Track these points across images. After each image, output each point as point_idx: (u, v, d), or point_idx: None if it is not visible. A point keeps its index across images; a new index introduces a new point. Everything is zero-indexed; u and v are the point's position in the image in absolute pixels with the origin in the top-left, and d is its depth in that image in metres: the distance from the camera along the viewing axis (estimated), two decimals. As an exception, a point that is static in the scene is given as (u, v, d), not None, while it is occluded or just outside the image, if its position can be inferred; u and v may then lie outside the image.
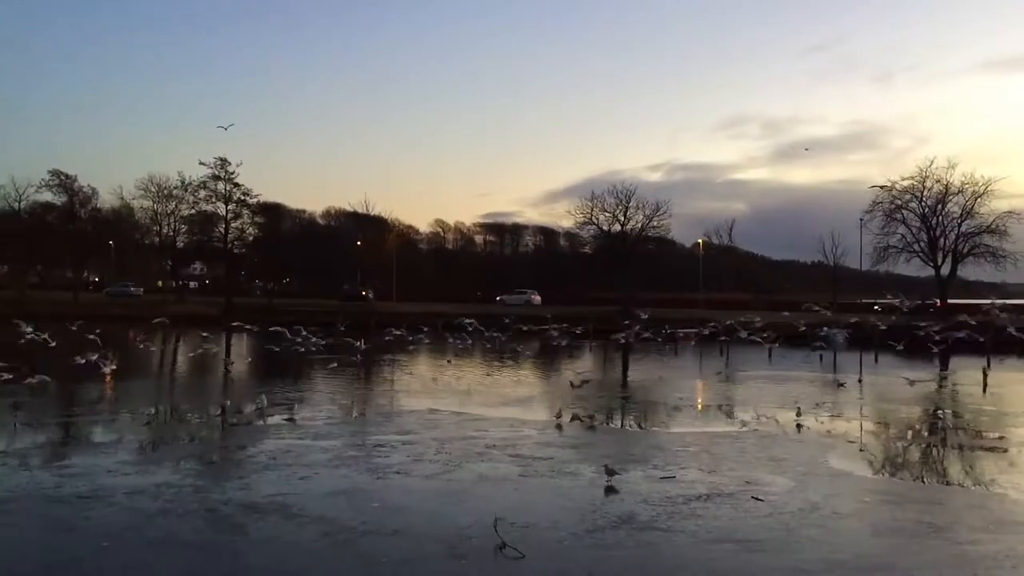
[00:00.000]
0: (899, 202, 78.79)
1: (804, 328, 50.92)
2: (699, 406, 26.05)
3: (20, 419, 20.78)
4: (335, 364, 33.73)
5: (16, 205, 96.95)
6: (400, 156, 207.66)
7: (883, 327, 49.64)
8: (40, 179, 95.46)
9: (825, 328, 56.37)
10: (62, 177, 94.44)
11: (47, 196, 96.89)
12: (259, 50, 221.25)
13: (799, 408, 22.48)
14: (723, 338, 48.34)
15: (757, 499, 12.93)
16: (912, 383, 28.72)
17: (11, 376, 24.44)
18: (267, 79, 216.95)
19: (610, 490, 13.54)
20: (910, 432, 21.17)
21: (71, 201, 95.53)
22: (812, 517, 12.02)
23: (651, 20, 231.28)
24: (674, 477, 14.51)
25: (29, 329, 34.04)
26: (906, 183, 78.38)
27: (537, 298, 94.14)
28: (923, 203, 78.02)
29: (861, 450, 18.06)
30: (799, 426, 20.64)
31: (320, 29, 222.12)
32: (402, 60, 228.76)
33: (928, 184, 77.46)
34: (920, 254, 78.60)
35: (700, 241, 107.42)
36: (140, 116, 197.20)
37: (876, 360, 45.38)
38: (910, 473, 16.49)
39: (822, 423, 21.33)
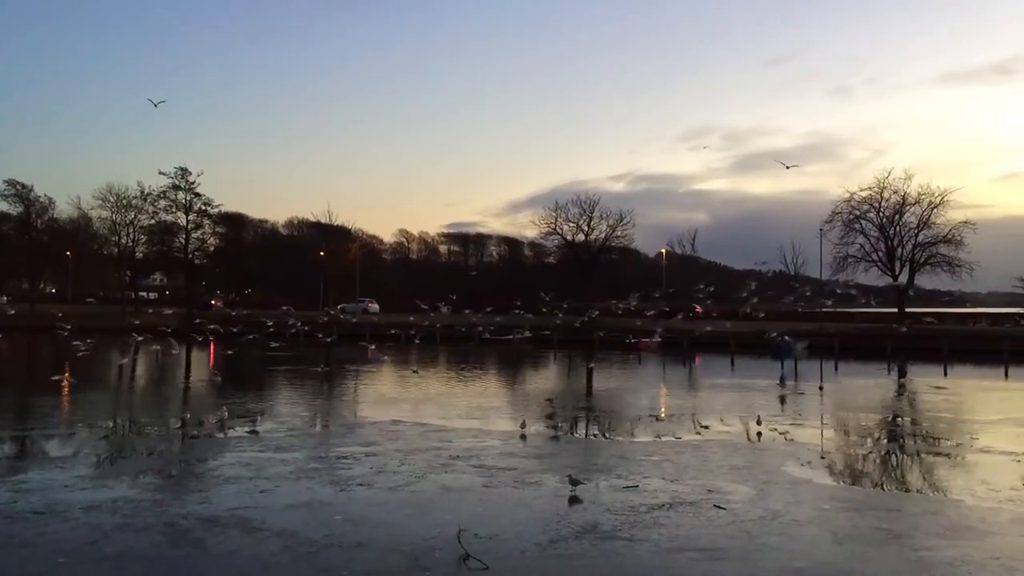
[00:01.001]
0: (858, 212, 80.00)
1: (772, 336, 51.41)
2: (662, 415, 26.18)
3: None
4: (295, 374, 33.48)
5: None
6: (364, 166, 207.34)
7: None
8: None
9: (783, 336, 57.01)
10: (18, 187, 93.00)
11: (2, 206, 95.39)
12: (221, 58, 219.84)
13: (759, 416, 22.66)
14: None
15: (719, 507, 13.02)
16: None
17: None
18: (229, 88, 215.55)
19: (574, 500, 13.55)
20: (869, 439, 21.45)
21: (27, 211, 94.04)
22: (773, 525, 12.12)
23: (614, 32, 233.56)
24: (637, 486, 14.58)
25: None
26: (864, 194, 79.67)
27: (375, 306, 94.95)
28: (881, 213, 79.31)
29: (822, 457, 18.26)
30: (760, 434, 20.83)
31: (284, 38, 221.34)
32: (366, 70, 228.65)
33: (886, 195, 78.82)
34: (878, 264, 79.80)
35: (663, 251, 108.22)
36: (98, 125, 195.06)
37: (836, 368, 45.82)
38: (869, 480, 16.70)
39: (783, 431, 21.52)
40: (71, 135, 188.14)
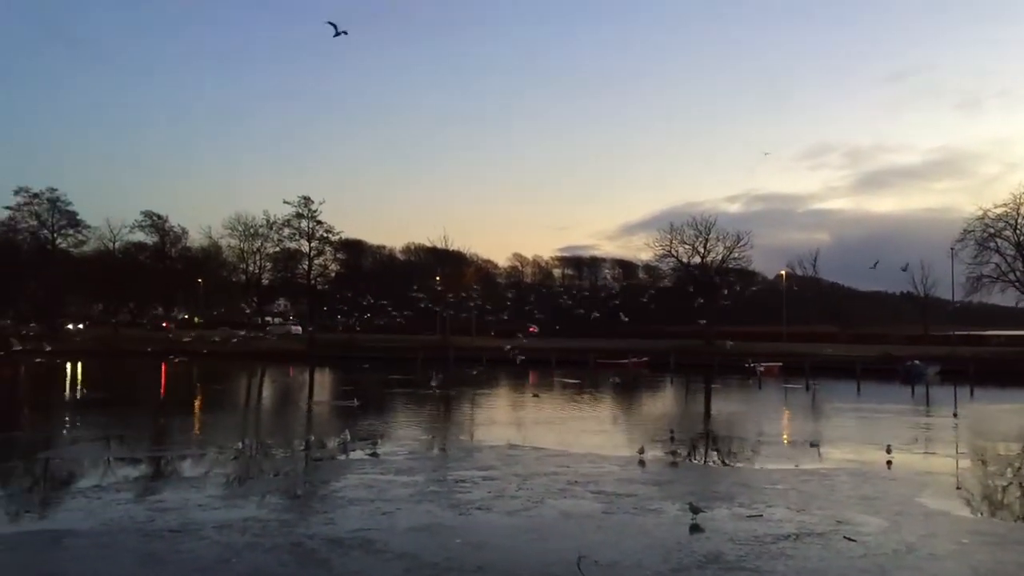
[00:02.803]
0: (992, 230, 75.90)
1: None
2: (785, 441, 25.42)
3: (113, 453, 21.45)
4: (416, 398, 34.00)
5: (111, 245, 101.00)
6: (479, 191, 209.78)
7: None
8: (134, 220, 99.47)
9: (914, 361, 54.79)
10: (154, 218, 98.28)
11: (140, 236, 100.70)
12: (339, 88, 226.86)
13: (890, 445, 21.70)
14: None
15: (849, 539, 12.51)
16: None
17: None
18: (347, 117, 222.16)
19: (695, 528, 13.26)
20: (1009, 469, 20.28)
21: (162, 241, 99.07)
22: (908, 559, 11.57)
23: (729, 49, 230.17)
24: (761, 515, 14.16)
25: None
26: (999, 211, 75.52)
27: (297, 328, 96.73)
28: (1018, 231, 75.10)
29: (958, 488, 17.36)
30: (890, 463, 19.97)
31: (401, 65, 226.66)
32: (479, 95, 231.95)
33: (1023, 211, 74.63)
34: (1016, 284, 75.52)
35: (783, 273, 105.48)
36: (227, 156, 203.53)
37: (972, 394, 43.55)
38: (1011, 513, 15.79)
39: (915, 460, 20.58)
40: (201, 167, 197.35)
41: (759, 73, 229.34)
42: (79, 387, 40.71)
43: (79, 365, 60.95)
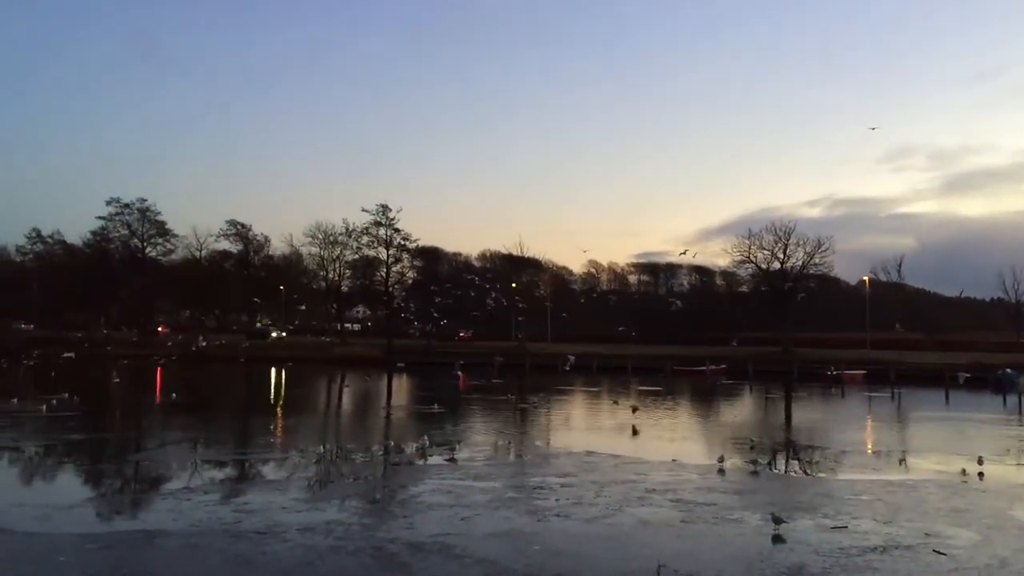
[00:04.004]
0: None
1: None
2: (869, 451, 24.80)
3: (200, 456, 22.09)
4: (490, 402, 34.14)
5: (198, 253, 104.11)
6: (554, 197, 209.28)
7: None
8: (219, 229, 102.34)
9: (1006, 369, 52.97)
10: (238, 227, 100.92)
11: (225, 244, 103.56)
12: (415, 98, 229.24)
13: (981, 456, 20.98)
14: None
15: (939, 553, 12.15)
16: None
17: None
18: (423, 126, 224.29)
19: (777, 539, 13.03)
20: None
21: (246, 249, 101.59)
22: (1001, 574, 11.18)
23: (805, 50, 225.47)
24: (846, 527, 13.83)
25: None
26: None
27: (278, 332, 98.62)
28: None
29: (1055, 502, 16.69)
30: (981, 474, 19.32)
31: (477, 74, 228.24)
32: (553, 103, 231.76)
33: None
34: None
35: (866, 278, 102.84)
36: (307, 164, 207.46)
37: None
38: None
39: (1008, 471, 19.87)
40: (283, 176, 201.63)
41: (839, 75, 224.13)
42: (167, 390, 42.01)
43: (168, 368, 62.84)
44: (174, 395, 40.12)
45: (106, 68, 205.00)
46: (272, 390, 47.37)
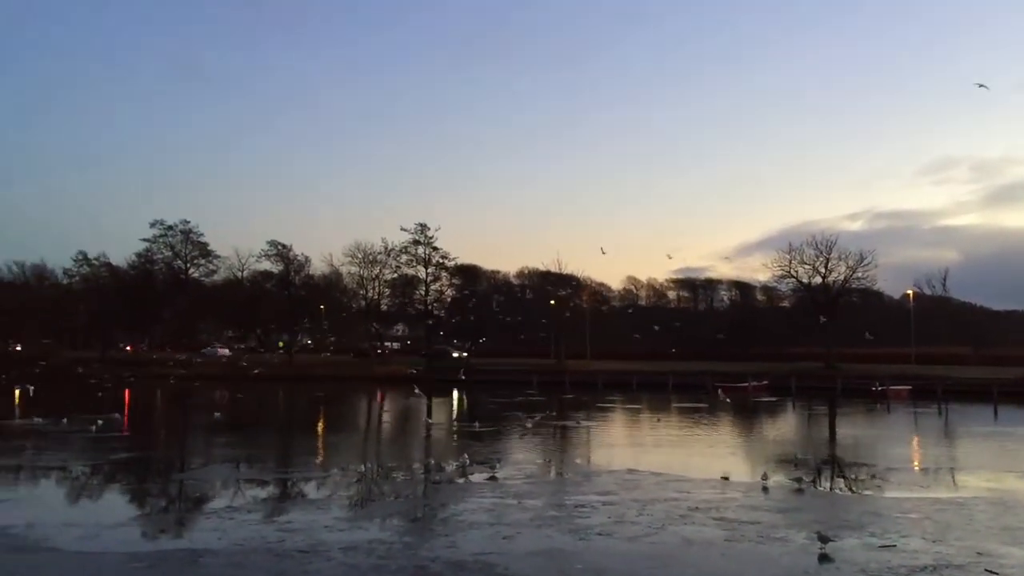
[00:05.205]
0: None
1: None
2: (917, 468, 24.36)
3: (243, 475, 22.28)
4: (531, 422, 34.08)
5: (240, 274, 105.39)
6: (591, 214, 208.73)
7: None
8: (260, 249, 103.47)
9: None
10: (279, 247, 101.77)
11: (266, 265, 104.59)
12: (452, 117, 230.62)
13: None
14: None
15: (992, 572, 11.88)
16: None
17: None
18: (462, 144, 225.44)
19: (824, 558, 12.82)
20: None
21: (287, 269, 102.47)
22: (1058, 595, 10.91)
23: (844, 62, 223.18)
24: (895, 546, 13.57)
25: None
26: None
27: (225, 350, 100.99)
28: None
29: (1112, 520, 16.26)
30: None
31: (513, 93, 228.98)
32: (589, 119, 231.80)
33: None
34: None
35: (910, 292, 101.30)
36: (346, 184, 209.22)
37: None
38: None
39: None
40: (323, 196, 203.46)
41: (878, 86, 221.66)
42: (209, 409, 42.48)
43: (208, 388, 63.59)
44: (217, 414, 40.51)
45: (148, 94, 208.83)
46: (312, 409, 47.68)
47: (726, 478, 20.53)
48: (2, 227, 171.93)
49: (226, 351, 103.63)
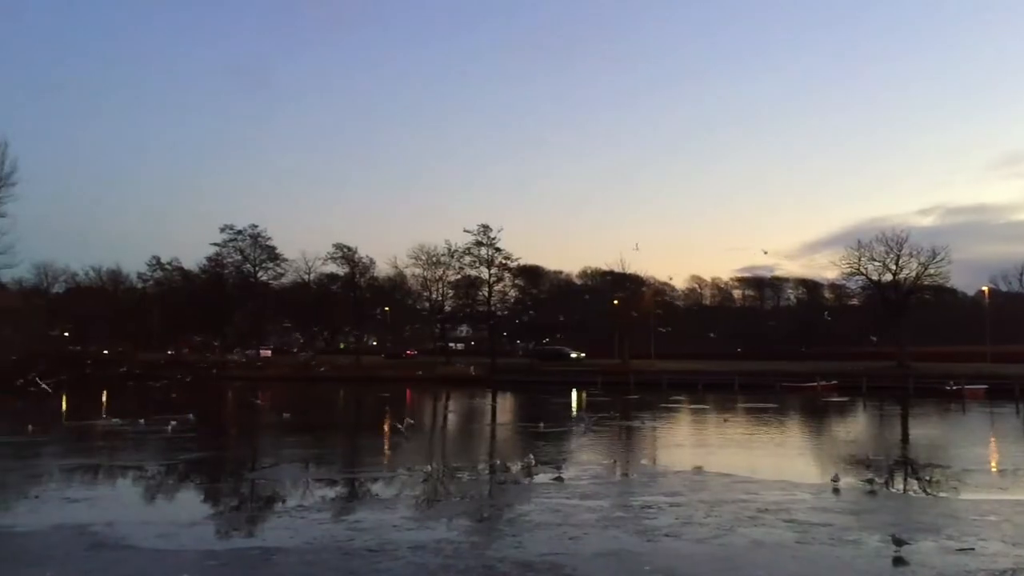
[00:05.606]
0: None
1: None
2: (994, 469, 23.67)
3: (312, 474, 22.65)
4: (595, 420, 33.97)
5: (306, 277, 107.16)
6: (655, 212, 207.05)
7: None
8: (326, 252, 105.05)
9: None
10: (345, 250, 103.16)
11: (332, 267, 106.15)
12: (519, 120, 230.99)
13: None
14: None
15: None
16: None
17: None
18: (526, 144, 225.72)
19: (899, 561, 12.55)
20: None
21: (352, 271, 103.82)
22: None
23: (913, 55, 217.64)
24: (973, 549, 13.21)
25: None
26: None
27: (267, 352, 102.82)
28: None
29: None
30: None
31: (573, 93, 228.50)
32: (652, 119, 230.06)
33: None
34: None
35: (985, 288, 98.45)
36: (413, 189, 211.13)
37: None
38: None
39: None
40: (388, 199, 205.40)
41: (949, 80, 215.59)
42: (278, 410, 43.27)
43: (278, 390, 64.75)
44: (285, 415, 41.26)
45: (216, 103, 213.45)
46: (378, 409, 48.24)
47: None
48: (80, 234, 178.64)
49: (268, 352, 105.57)
